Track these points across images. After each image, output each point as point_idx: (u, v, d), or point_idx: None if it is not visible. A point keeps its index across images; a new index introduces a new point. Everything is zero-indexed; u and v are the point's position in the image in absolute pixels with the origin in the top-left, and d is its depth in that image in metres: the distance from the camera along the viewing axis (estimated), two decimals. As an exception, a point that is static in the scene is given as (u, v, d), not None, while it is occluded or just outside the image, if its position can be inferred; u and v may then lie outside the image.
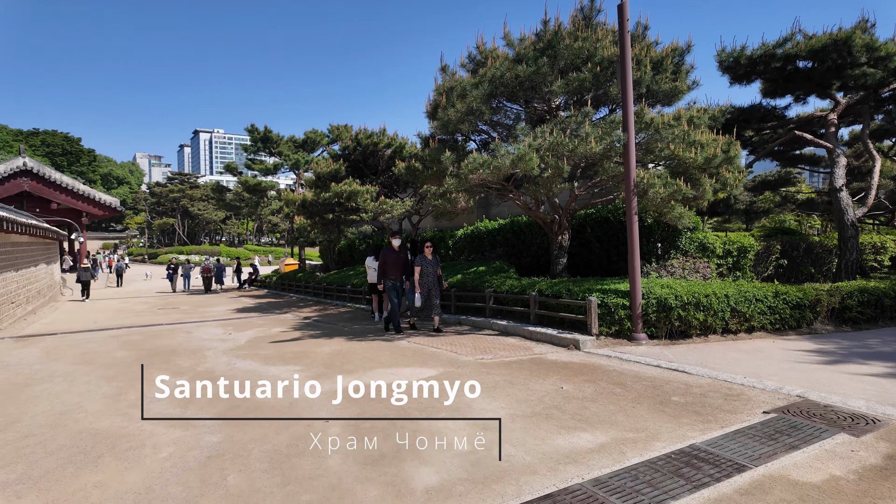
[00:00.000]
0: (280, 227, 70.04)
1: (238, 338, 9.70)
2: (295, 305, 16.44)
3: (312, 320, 12.27)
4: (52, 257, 22.35)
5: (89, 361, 7.61)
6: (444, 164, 7.69)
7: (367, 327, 10.36)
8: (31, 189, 33.46)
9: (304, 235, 20.04)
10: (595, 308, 7.08)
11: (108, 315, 14.95)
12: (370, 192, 13.11)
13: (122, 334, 10.74)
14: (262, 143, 23.68)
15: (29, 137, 75.30)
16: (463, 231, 14.24)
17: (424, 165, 8.85)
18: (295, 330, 10.55)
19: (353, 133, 13.64)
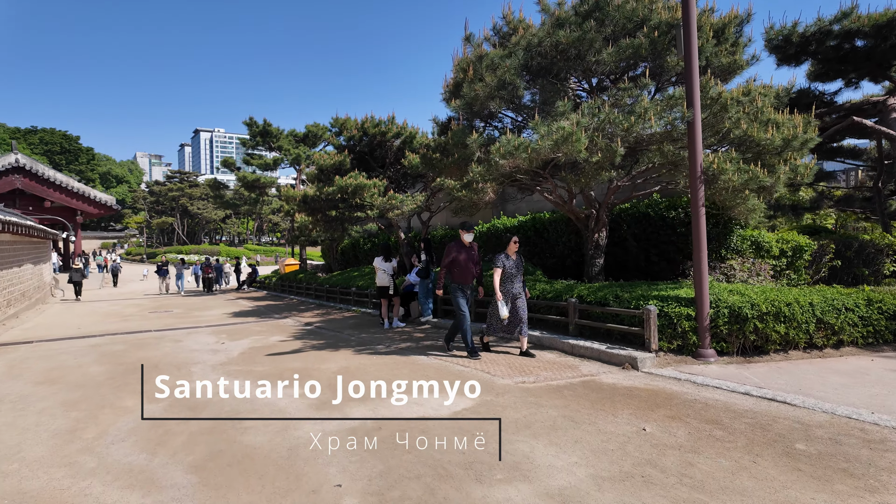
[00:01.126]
0: (280, 227, 68.95)
1: (231, 348, 8.57)
2: (296, 309, 15.31)
3: (315, 327, 11.13)
4: (41, 257, 21.23)
5: (54, 380, 6.47)
6: (471, 148, 6.54)
7: (375, 336, 9.21)
8: (24, 186, 32.40)
9: (306, 234, 18.90)
10: (655, 319, 5.93)
11: (95, 319, 13.84)
12: (378, 186, 11.96)
13: (103, 343, 9.62)
14: (261, 137, 22.53)
15: (27, 135, 74.27)
16: (478, 229, 13.08)
17: (443, 153, 7.70)
18: (295, 339, 9.40)
19: (359, 122, 12.48)
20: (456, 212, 8.67)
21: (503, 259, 6.72)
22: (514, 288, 6.68)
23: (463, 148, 6.77)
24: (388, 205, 11.76)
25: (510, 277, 6.67)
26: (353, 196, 11.94)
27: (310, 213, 13.90)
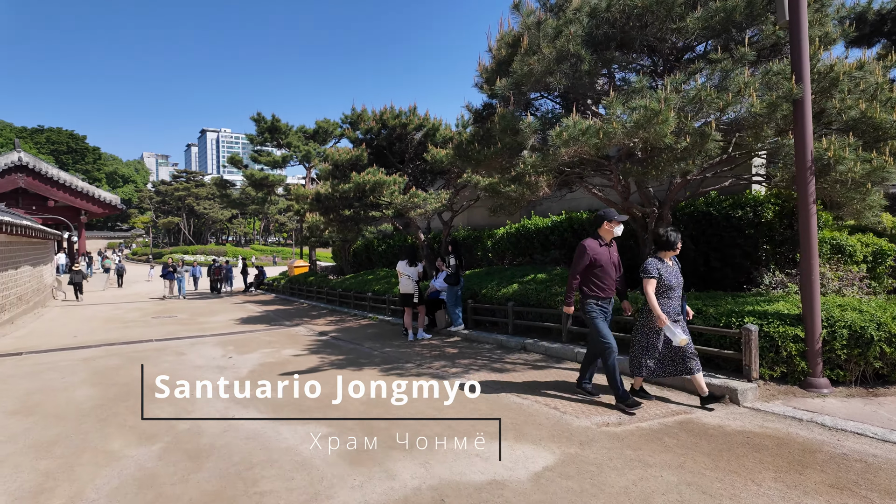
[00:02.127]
0: (287, 227, 68.12)
1: (240, 365, 7.57)
2: (307, 315, 14.31)
3: (330, 337, 10.11)
4: (42, 258, 20.36)
5: (32, 408, 5.48)
6: (523, 133, 5.50)
7: (401, 350, 8.18)
8: (27, 185, 31.59)
9: (317, 235, 17.93)
10: (756, 341, 4.85)
11: (94, 325, 12.90)
12: (398, 182, 10.95)
13: (97, 356, 8.65)
14: (269, 133, 21.56)
15: (33, 135, 73.87)
16: (505, 230, 12.03)
17: (484, 142, 6.65)
18: (311, 353, 8.39)
19: (377, 113, 11.47)
20: (494, 210, 7.63)
21: (656, 265, 4.70)
22: (674, 305, 4.70)
23: (513, 134, 5.72)
24: (410, 203, 10.74)
25: (668, 290, 4.68)
26: (372, 194, 10.94)
27: (323, 213, 12.91)
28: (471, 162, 7.23)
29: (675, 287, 4.71)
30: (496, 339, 8.11)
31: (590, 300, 4.93)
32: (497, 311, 8.83)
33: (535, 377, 5.94)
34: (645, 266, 4.74)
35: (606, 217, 5.04)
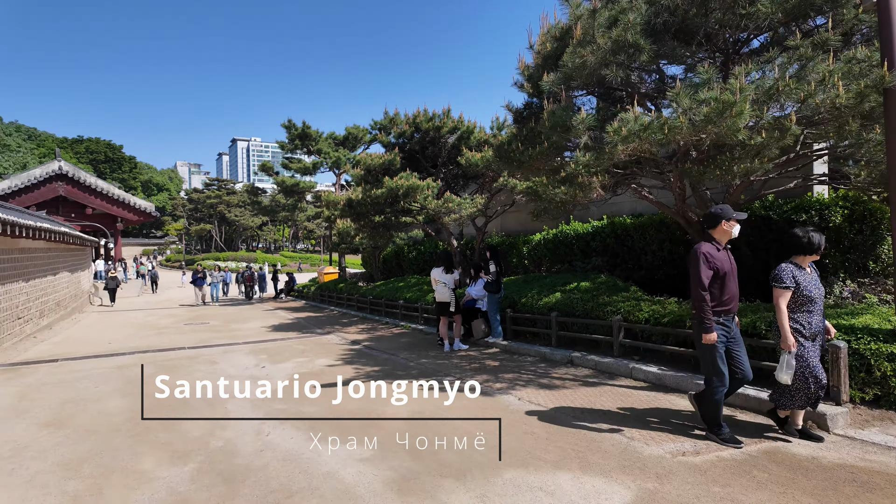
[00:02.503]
0: (315, 234, 68.77)
1: (273, 375, 7.33)
2: (338, 322, 14.09)
3: (363, 346, 9.83)
4: (79, 264, 20.78)
5: (64, 420, 5.31)
6: (575, 131, 5.10)
7: (438, 362, 7.81)
8: (67, 193, 32.62)
9: (347, 241, 17.76)
10: (846, 359, 4.33)
11: (128, 332, 12.94)
12: (431, 187, 10.64)
13: (131, 364, 8.55)
14: (299, 140, 21.59)
15: (73, 145, 76.62)
16: (542, 235, 11.58)
17: (528, 142, 6.26)
18: (345, 363, 8.10)
19: (409, 116, 11.20)
20: (537, 214, 7.23)
21: (792, 272, 3.95)
22: (815, 320, 3.93)
23: (563, 132, 5.33)
24: (444, 208, 10.41)
25: (809, 303, 3.91)
26: (405, 199, 10.65)
27: (354, 219, 12.69)
28: (512, 164, 6.85)
29: (817, 299, 3.92)
30: (539, 352, 7.67)
31: (703, 323, 3.96)
32: (538, 321, 8.39)
33: (588, 395, 5.50)
34: (777, 273, 3.98)
35: (724, 215, 4.09)
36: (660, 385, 5.67)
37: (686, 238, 8.75)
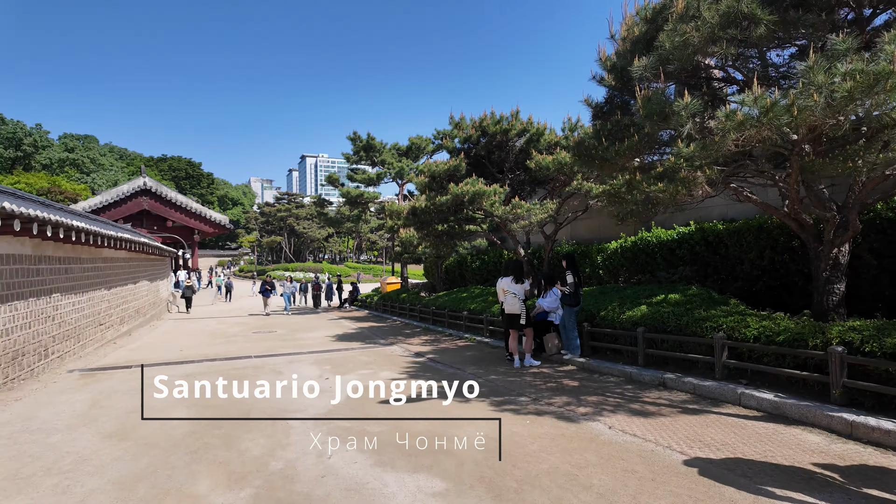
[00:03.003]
0: (378, 245, 69.94)
1: (336, 389, 6.98)
2: (400, 333, 13.77)
3: (427, 359, 9.37)
4: (158, 274, 21.85)
5: (127, 432, 5.17)
6: (678, 118, 4.39)
7: (508, 379, 7.19)
8: (150, 207, 34.77)
9: (410, 251, 17.52)
10: None
11: (199, 340, 13.23)
12: (499, 192, 10.10)
13: (198, 373, 8.54)
14: (364, 151, 21.77)
15: (158, 163, 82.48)
16: (619, 243, 10.71)
17: (613, 137, 5.60)
18: (410, 377, 7.66)
19: (475, 120, 10.74)
20: (622, 217, 6.52)
21: None
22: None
23: (660, 121, 4.64)
24: (512, 214, 9.82)
25: None
26: (471, 205, 10.16)
27: (418, 227, 12.35)
28: (593, 162, 6.18)
29: None
30: (623, 371, 6.88)
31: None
32: (621, 336, 7.59)
33: (692, 425, 4.71)
34: None
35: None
36: (778, 415, 4.77)
37: (791, 245, 7.68)
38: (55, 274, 9.88)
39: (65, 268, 10.42)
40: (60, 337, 9.97)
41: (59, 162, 62.29)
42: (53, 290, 9.71)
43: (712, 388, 5.55)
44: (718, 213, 9.92)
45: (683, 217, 10.78)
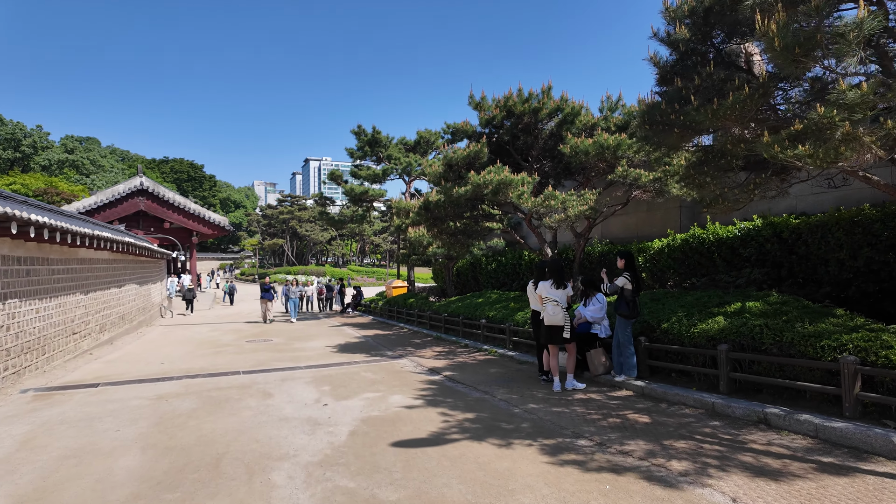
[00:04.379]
0: (381, 248, 68.50)
1: (337, 419, 5.56)
2: (409, 343, 12.32)
3: (445, 377, 7.92)
4: (150, 277, 20.48)
5: (45, 496, 3.73)
6: (842, 46, 2.94)
7: (554, 410, 5.73)
8: (146, 208, 33.46)
9: (419, 252, 16.10)
10: None
11: (187, 350, 11.82)
12: (527, 182, 8.65)
13: (174, 394, 7.13)
14: (369, 146, 20.36)
15: (160, 165, 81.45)
16: (666, 241, 9.24)
17: (701, 95, 4.16)
18: (426, 403, 6.21)
19: (500, 99, 9.31)
20: (709, 203, 5.06)
21: None
22: None
23: (803, 57, 3.19)
24: (544, 207, 8.38)
25: None
26: (495, 196, 8.72)
27: (430, 225, 10.92)
28: (670, 131, 4.74)
29: None
30: (701, 401, 5.40)
31: None
32: (691, 355, 6.12)
33: (854, 498, 3.24)
34: None
35: None
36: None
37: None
38: (13, 276, 8.49)
39: (26, 269, 9.03)
40: (18, 349, 8.57)
41: (59, 163, 61.26)
42: (10, 296, 8.32)
43: (847, 432, 4.07)
44: (786, 205, 8.46)
45: (743, 212, 9.31)
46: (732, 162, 4.65)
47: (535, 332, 7.44)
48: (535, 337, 7.54)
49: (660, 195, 8.42)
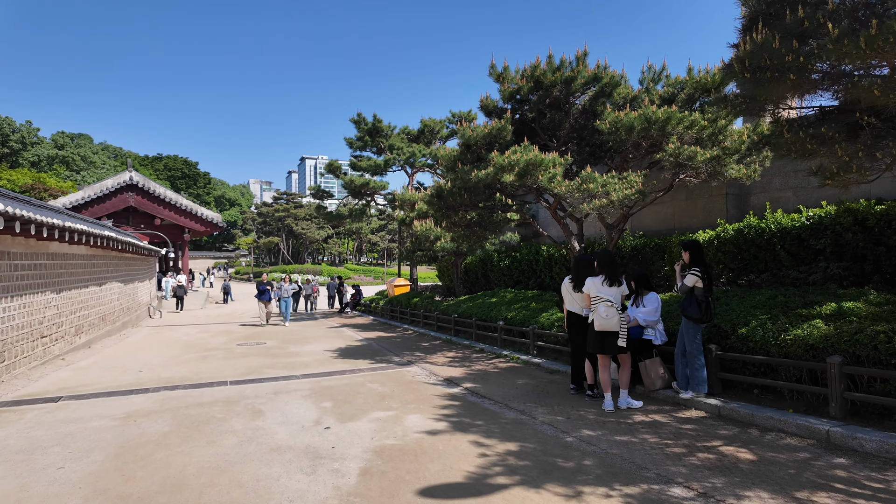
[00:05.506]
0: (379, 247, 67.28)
1: (343, 450, 4.39)
2: (417, 347, 11.15)
3: (466, 390, 6.75)
4: (137, 275, 19.21)
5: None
6: None
7: (616, 439, 4.57)
8: (136, 204, 32.14)
9: (425, 247, 14.91)
10: None
11: (170, 354, 10.62)
12: (559, 163, 7.48)
13: (145, 412, 5.94)
14: (369, 136, 19.14)
15: (153, 162, 79.89)
16: (715, 233, 8.07)
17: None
18: (452, 427, 5.03)
19: (527, 69, 8.13)
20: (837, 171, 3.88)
21: None
22: None
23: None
24: (580, 192, 7.20)
25: None
26: (521, 179, 7.55)
27: (443, 215, 9.73)
28: (782, 79, 3.56)
29: None
30: (808, 428, 4.23)
31: None
32: (780, 367, 4.97)
33: None
34: None
35: None
36: None
37: None
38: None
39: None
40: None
41: (48, 159, 59.66)
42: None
43: None
44: (861, 191, 7.33)
45: (795, 199, 8.17)
46: (864, 119, 3.50)
47: (573, 337, 6.28)
48: (571, 342, 6.38)
49: (714, 178, 7.27)
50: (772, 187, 8.58)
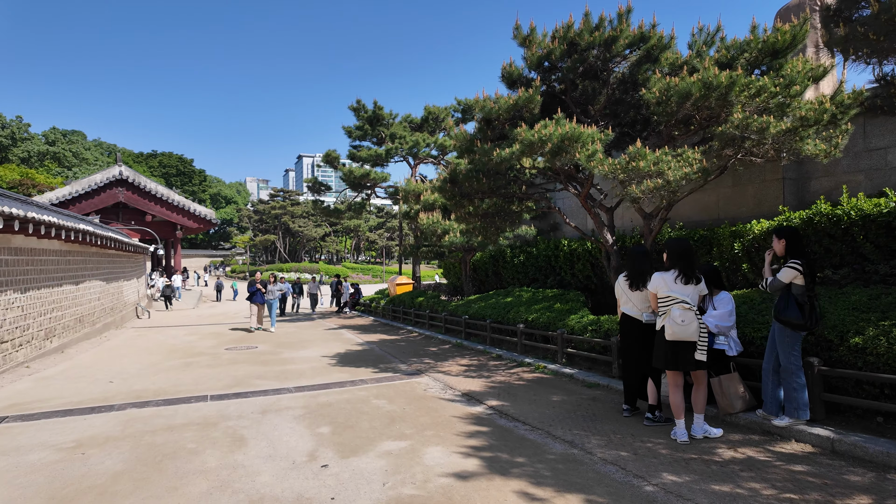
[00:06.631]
0: (377, 245, 66.08)
1: (348, 498, 3.25)
2: (425, 353, 9.99)
3: (493, 409, 5.60)
4: (122, 273, 18.01)
5: None
6: None
7: (715, 488, 3.42)
8: (126, 199, 30.92)
9: (431, 242, 13.74)
10: None
11: (150, 360, 9.45)
12: (598, 138, 6.32)
13: (100, 439, 4.77)
14: (369, 124, 17.94)
15: (148, 159, 78.50)
16: (776, 222, 6.91)
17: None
18: (489, 469, 3.87)
19: (559, 29, 6.95)
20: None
21: None
22: None
23: None
24: (629, 171, 6.03)
25: None
26: (555, 157, 6.38)
27: (457, 204, 8.58)
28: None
29: None
30: None
31: None
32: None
33: None
34: None
35: None
36: None
37: None
38: None
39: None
40: None
41: (39, 155, 58.24)
42: None
43: None
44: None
45: (877, 179, 7.02)
46: None
47: (628, 347, 5.12)
48: (624, 354, 5.22)
49: (788, 155, 6.12)
50: (838, 170, 7.43)
